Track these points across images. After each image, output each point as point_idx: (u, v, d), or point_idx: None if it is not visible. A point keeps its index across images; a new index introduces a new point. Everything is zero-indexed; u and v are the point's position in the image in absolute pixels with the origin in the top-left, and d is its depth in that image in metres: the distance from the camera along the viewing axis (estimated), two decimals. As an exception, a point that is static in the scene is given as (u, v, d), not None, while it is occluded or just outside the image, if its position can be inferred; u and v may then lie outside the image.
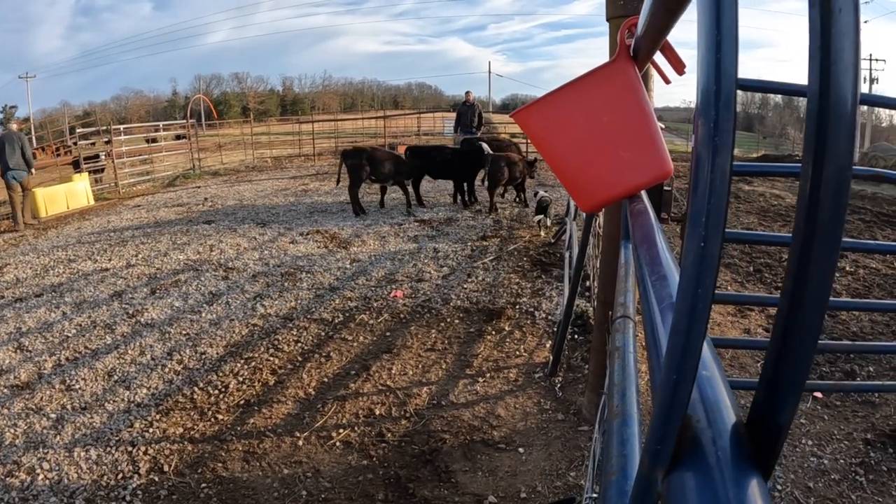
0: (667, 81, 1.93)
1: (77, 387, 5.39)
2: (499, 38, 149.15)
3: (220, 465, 4.06)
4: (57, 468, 4.24)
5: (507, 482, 3.58)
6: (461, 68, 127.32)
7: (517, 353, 5.13)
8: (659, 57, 1.80)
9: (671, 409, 0.48)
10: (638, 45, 1.74)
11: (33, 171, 13.38)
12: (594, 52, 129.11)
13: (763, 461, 0.47)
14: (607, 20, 3.65)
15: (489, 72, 58.54)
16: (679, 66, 1.74)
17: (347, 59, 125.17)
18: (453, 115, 19.04)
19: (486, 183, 11.28)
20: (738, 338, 5.41)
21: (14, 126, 13.70)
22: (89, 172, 17.44)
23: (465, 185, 12.24)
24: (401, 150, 13.17)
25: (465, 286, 6.79)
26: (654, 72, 2.25)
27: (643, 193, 1.81)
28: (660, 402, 0.50)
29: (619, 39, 1.81)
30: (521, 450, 3.85)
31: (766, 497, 0.43)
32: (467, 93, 17.86)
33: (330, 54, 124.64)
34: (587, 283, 6.23)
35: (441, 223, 9.96)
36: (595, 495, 1.91)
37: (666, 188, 2.07)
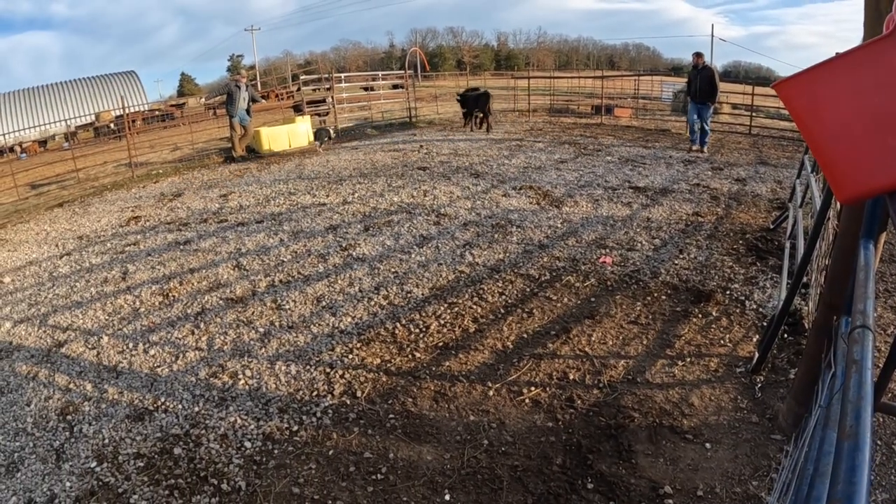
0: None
1: (287, 307, 5.76)
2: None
3: (410, 399, 4.19)
4: (258, 376, 4.60)
5: (687, 475, 3.42)
6: (679, 30, 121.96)
7: (721, 341, 4.86)
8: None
9: None
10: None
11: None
12: (823, 18, 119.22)
13: None
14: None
15: (711, 35, 55.22)
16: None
17: (562, 16, 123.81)
18: (672, 79, 16.28)
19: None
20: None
21: (243, 78, 15.12)
22: (316, 115, 18.64)
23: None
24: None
25: (676, 262, 6.52)
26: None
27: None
28: None
29: (895, 10, 1.62)
30: (707, 445, 3.66)
31: None
32: (696, 55, 14.54)
33: (544, 10, 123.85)
34: (805, 279, 5.79)
35: (657, 192, 9.62)
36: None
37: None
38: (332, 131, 17.84)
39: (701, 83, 14.05)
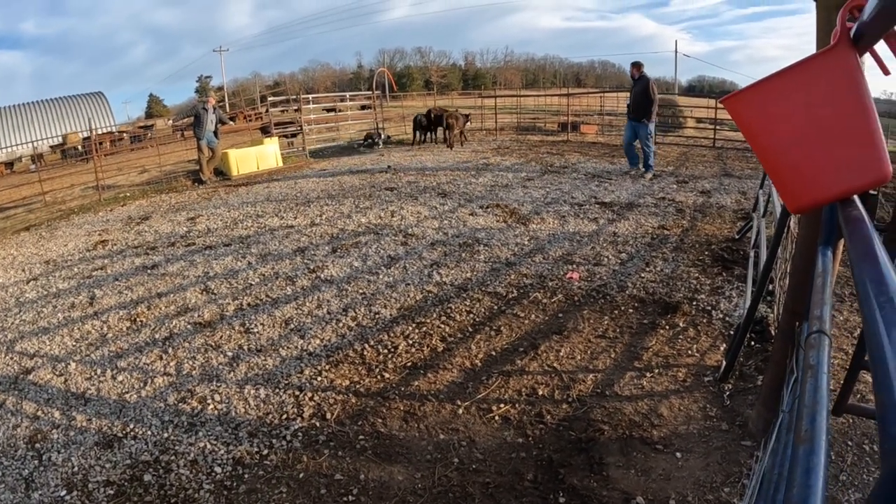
0: (886, 72, 1.76)
1: (255, 330, 5.73)
2: (683, 16, 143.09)
3: (379, 420, 4.18)
4: (227, 401, 4.57)
5: (659, 485, 3.44)
6: (644, 47, 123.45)
7: (689, 352, 4.92)
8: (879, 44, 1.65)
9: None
10: (861, 31, 1.59)
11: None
12: (786, 32, 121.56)
13: None
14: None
15: (675, 51, 55.75)
16: (905, 58, 1.57)
17: (529, 35, 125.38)
18: None
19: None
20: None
21: (211, 100, 15.21)
22: (284, 136, 18.80)
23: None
24: None
25: (643, 275, 6.58)
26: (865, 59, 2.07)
27: (856, 198, 1.66)
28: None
29: (839, 22, 1.67)
30: (678, 454, 3.68)
31: None
32: (633, 66, 12.84)
33: (511, 29, 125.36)
34: (770, 287, 5.86)
35: (623, 207, 9.72)
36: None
37: (871, 192, 1.90)
38: (384, 134, 19.67)
39: (635, 97, 12.54)
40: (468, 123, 20.14)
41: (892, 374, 0.62)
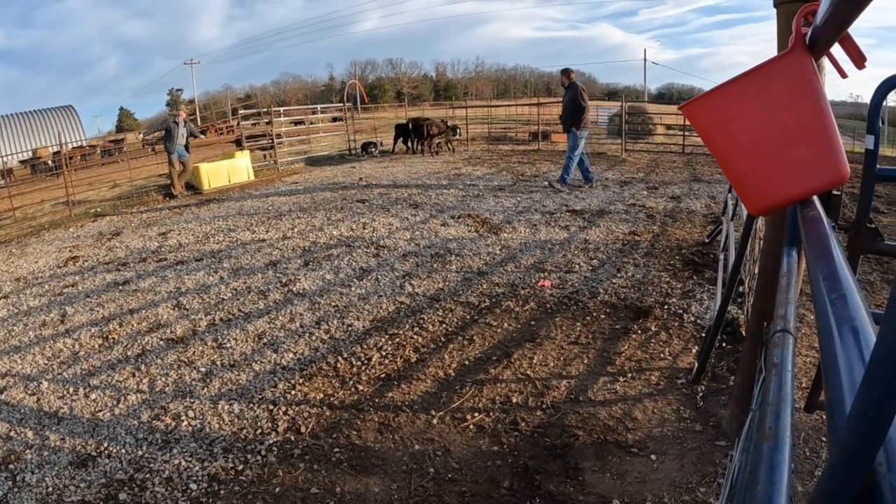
0: (843, 75, 1.79)
1: (228, 345, 5.69)
2: (652, 24, 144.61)
3: (354, 432, 4.16)
4: (201, 417, 4.52)
5: (635, 488, 3.45)
6: (613, 55, 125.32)
7: (661, 355, 4.95)
8: (835, 48, 1.68)
9: (863, 449, 0.42)
10: (816, 35, 1.62)
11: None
12: (754, 38, 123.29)
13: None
14: (775, 6, 3.33)
15: (644, 59, 56.43)
16: (859, 60, 1.60)
17: (499, 45, 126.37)
18: (608, 103, 12.72)
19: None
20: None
21: (182, 113, 15.13)
22: (259, 149, 18.77)
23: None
24: None
25: (614, 281, 6.63)
26: (824, 63, 2.10)
27: (815, 198, 1.69)
28: (849, 438, 0.44)
29: (794, 28, 1.70)
30: (653, 456, 3.71)
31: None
32: (563, 72, 12.34)
33: (482, 40, 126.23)
34: (741, 289, 5.92)
35: (594, 214, 9.79)
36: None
37: (835, 193, 1.93)
38: (379, 143, 20.77)
39: (565, 106, 12.02)
40: (455, 135, 20.75)
41: (841, 369, 0.63)
